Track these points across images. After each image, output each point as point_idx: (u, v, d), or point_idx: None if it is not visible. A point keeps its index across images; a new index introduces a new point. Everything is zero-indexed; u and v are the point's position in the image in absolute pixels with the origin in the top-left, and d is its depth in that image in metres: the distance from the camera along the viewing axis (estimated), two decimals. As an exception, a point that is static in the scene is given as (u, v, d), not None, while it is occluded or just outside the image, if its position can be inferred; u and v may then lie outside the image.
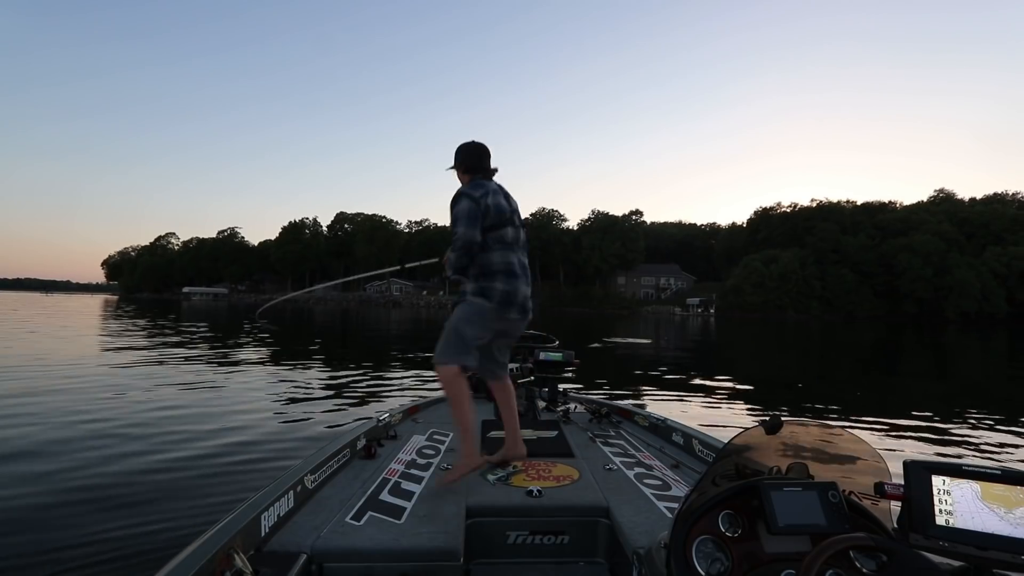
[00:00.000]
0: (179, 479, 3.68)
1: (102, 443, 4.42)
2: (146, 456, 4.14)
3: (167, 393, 6.77)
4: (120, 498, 3.30)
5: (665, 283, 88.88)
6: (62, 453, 4.15)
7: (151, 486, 3.52)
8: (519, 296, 2.62)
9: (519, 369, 4.30)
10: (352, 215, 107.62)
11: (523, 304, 2.65)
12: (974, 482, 1.02)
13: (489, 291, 2.57)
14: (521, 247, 2.75)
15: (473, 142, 2.82)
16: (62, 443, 4.41)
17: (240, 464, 4.05)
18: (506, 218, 2.65)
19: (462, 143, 2.82)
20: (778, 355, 16.73)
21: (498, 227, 2.62)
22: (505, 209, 2.66)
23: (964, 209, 72.65)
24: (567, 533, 2.03)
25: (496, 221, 2.61)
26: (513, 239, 2.68)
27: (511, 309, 2.59)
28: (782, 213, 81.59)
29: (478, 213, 2.54)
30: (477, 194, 2.57)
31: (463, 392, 2.46)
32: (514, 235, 2.69)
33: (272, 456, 4.27)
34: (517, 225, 2.73)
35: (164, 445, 4.45)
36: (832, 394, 8.95)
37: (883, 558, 1.04)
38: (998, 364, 15.38)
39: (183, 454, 4.23)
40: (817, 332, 31.71)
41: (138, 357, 10.50)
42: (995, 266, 62.33)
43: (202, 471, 3.85)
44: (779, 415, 1.32)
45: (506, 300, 2.57)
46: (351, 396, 7.07)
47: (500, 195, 2.69)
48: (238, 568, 1.40)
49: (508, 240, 2.65)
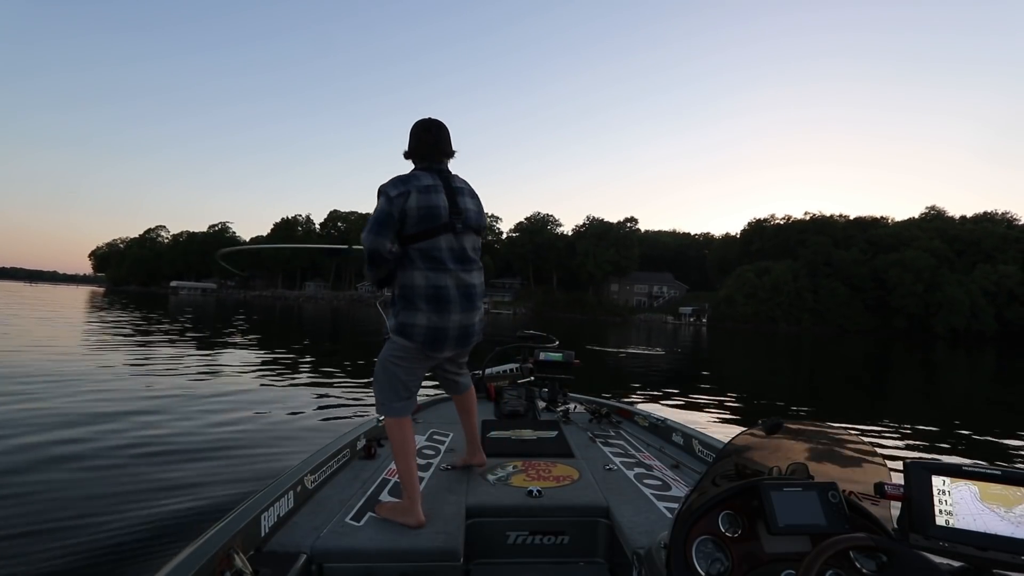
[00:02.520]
0: (179, 479, 3.65)
1: (99, 444, 4.37)
2: (144, 456, 4.10)
3: (166, 393, 6.71)
4: (120, 498, 3.28)
5: (658, 291, 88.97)
6: (61, 453, 4.11)
7: (150, 486, 3.50)
8: (451, 330, 2.10)
9: (519, 369, 4.31)
10: (346, 213, 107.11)
11: (461, 335, 2.15)
12: (974, 483, 1.02)
13: (409, 329, 2.07)
14: (466, 261, 2.16)
15: (429, 120, 2.23)
16: (61, 442, 4.37)
17: (240, 464, 4.02)
18: (440, 223, 2.07)
19: (419, 120, 2.24)
20: (772, 367, 16.80)
21: (426, 235, 2.05)
22: (439, 211, 2.06)
23: (955, 227, 73.21)
24: (567, 533, 2.03)
25: (422, 227, 2.04)
26: (450, 250, 2.10)
27: (442, 347, 2.12)
28: (775, 225, 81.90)
29: (391, 217, 2.01)
30: (394, 192, 2.02)
31: (405, 441, 2.06)
32: (452, 245, 2.11)
33: (272, 456, 4.25)
34: (460, 231, 2.13)
35: (163, 445, 4.41)
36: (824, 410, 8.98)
37: (883, 558, 1.04)
38: (983, 381, 15.51)
39: (182, 454, 4.20)
40: (809, 345, 31.84)
41: (127, 355, 10.42)
42: (985, 284, 62.81)
43: (201, 471, 3.82)
44: (779, 416, 1.32)
45: (432, 338, 2.08)
46: (351, 396, 7.04)
47: (438, 192, 2.08)
48: (238, 568, 1.40)
49: (439, 254, 2.07)
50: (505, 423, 3.33)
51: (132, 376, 7.59)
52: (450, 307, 2.08)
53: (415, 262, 2.07)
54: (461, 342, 2.17)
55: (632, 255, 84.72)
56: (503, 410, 3.61)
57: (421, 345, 2.08)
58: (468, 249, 2.17)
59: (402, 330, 2.09)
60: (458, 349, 2.21)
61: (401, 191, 2.02)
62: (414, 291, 2.07)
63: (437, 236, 2.07)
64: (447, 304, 2.08)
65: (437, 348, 2.11)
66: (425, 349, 2.10)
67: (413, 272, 2.07)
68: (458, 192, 2.15)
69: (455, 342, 2.14)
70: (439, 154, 2.19)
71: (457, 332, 2.12)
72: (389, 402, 2.12)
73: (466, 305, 2.13)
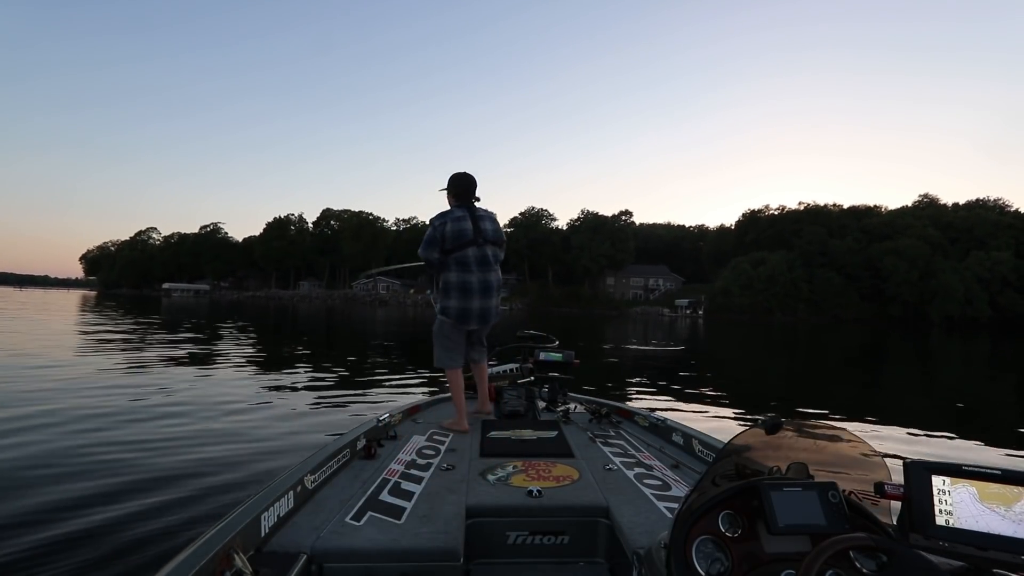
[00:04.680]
0: (178, 479, 3.64)
1: (97, 445, 4.35)
2: (143, 457, 4.09)
3: (162, 393, 6.70)
4: (119, 499, 3.27)
5: (654, 284, 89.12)
6: (60, 453, 4.10)
7: (149, 487, 3.49)
8: (474, 310, 3.20)
9: (519, 369, 4.30)
10: (339, 212, 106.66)
11: (481, 315, 3.24)
12: (974, 482, 1.01)
13: (446, 310, 3.21)
14: (486, 264, 3.20)
15: (464, 174, 3.30)
16: (60, 442, 4.36)
17: (239, 464, 4.01)
18: (466, 240, 3.13)
19: (455, 172, 3.30)
20: (772, 358, 16.89)
21: (458, 249, 3.12)
22: (466, 233, 3.13)
23: (948, 214, 73.57)
24: (567, 533, 2.03)
25: (455, 244, 3.11)
26: (475, 259, 3.16)
27: (469, 321, 3.23)
28: (770, 216, 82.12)
29: (435, 239, 3.12)
30: (437, 223, 3.13)
31: (457, 379, 3.26)
32: (476, 255, 3.16)
33: (271, 456, 4.24)
34: (481, 244, 3.17)
35: (162, 445, 4.40)
36: (824, 399, 9.04)
37: (883, 558, 1.04)
38: (980, 368, 15.63)
39: (181, 454, 4.18)
40: (805, 335, 31.99)
41: (123, 358, 10.38)
42: (978, 271, 63.18)
43: (201, 471, 3.81)
44: (778, 415, 1.32)
45: (461, 315, 3.20)
46: (350, 396, 7.04)
47: (465, 220, 3.15)
48: (238, 568, 1.39)
49: (468, 260, 3.14)
50: (505, 423, 3.33)
51: (129, 376, 7.55)
52: (472, 295, 3.17)
53: (451, 266, 3.15)
54: (482, 319, 3.26)
55: (627, 248, 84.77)
56: (503, 410, 3.61)
57: (455, 320, 3.21)
58: (488, 256, 3.21)
59: (443, 311, 3.23)
60: (481, 324, 3.30)
61: (442, 221, 3.13)
62: (450, 285, 3.18)
63: (465, 248, 3.13)
64: (471, 294, 3.17)
65: (465, 322, 3.23)
66: (458, 323, 3.23)
67: (450, 273, 3.17)
68: (479, 219, 3.21)
69: (477, 319, 3.24)
70: (468, 197, 3.29)
71: (478, 312, 3.22)
72: (445, 358, 3.30)
73: (484, 294, 3.21)
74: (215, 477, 3.72)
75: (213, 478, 3.70)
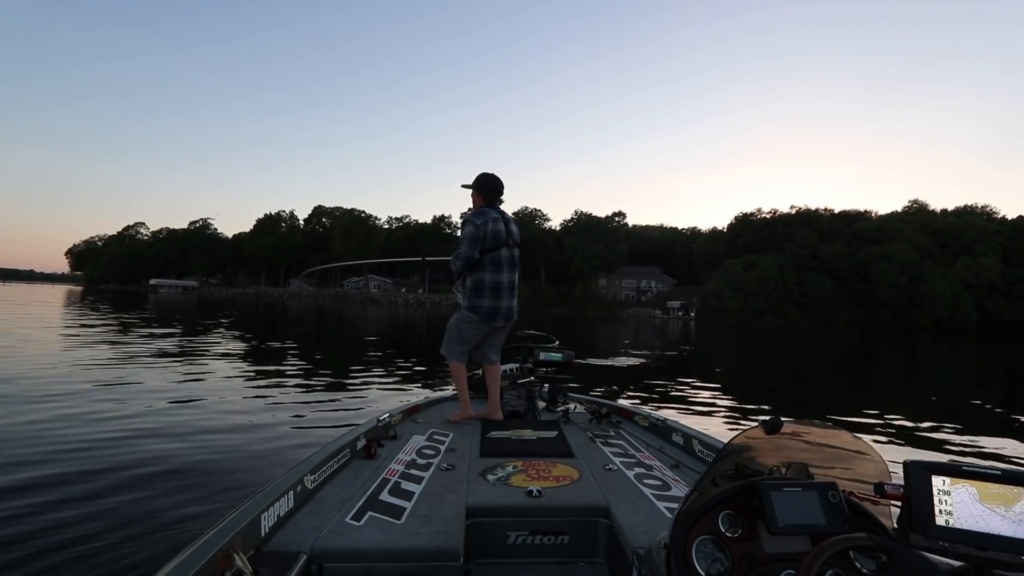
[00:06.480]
0: (178, 479, 3.62)
1: (97, 445, 4.31)
2: (143, 458, 4.05)
3: (164, 394, 6.61)
4: (118, 499, 3.25)
5: (646, 286, 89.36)
6: (59, 453, 4.06)
7: (149, 487, 3.46)
8: (502, 310, 3.32)
9: (519, 369, 4.30)
10: (330, 209, 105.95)
11: (507, 314, 3.37)
12: (974, 483, 1.01)
13: (477, 308, 3.29)
14: (514, 266, 3.35)
15: (494, 176, 3.39)
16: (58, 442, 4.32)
17: (239, 464, 3.99)
18: (501, 241, 3.23)
19: (484, 172, 3.38)
20: (763, 360, 16.98)
21: (493, 249, 3.22)
22: (501, 234, 3.23)
23: (937, 220, 74.43)
24: (567, 533, 2.03)
25: (492, 244, 3.21)
26: (506, 260, 3.28)
27: (496, 319, 3.34)
28: (762, 219, 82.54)
29: (479, 237, 3.18)
30: (479, 221, 3.19)
31: (461, 373, 3.39)
32: (507, 256, 3.29)
33: (271, 456, 4.22)
34: (512, 246, 3.31)
35: (161, 446, 4.36)
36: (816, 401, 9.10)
37: (883, 558, 1.04)
38: (966, 372, 15.79)
39: (181, 455, 4.15)
40: (795, 338, 32.19)
41: (113, 355, 10.28)
42: (966, 276, 63.97)
43: (201, 471, 3.79)
44: (778, 415, 1.33)
45: (491, 314, 3.30)
46: (349, 396, 7.00)
47: (500, 222, 3.24)
48: (238, 568, 1.39)
49: (501, 261, 3.25)
50: (505, 423, 3.33)
51: (125, 376, 7.46)
52: (502, 295, 3.29)
53: (485, 265, 3.23)
54: (507, 317, 3.39)
55: (620, 250, 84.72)
56: (503, 410, 3.62)
57: (484, 318, 3.31)
58: (515, 258, 3.37)
59: (472, 308, 3.30)
60: (505, 323, 3.40)
61: (483, 221, 3.19)
62: (483, 284, 3.25)
63: (499, 250, 3.24)
64: (501, 293, 3.28)
65: (493, 320, 3.33)
66: (486, 321, 3.32)
67: (484, 272, 3.24)
68: (508, 222, 3.32)
69: (504, 317, 3.36)
70: (498, 198, 3.38)
71: (505, 311, 3.34)
72: (452, 350, 3.40)
73: (511, 294, 3.34)
74: (215, 477, 3.70)
75: (213, 478, 3.68)
